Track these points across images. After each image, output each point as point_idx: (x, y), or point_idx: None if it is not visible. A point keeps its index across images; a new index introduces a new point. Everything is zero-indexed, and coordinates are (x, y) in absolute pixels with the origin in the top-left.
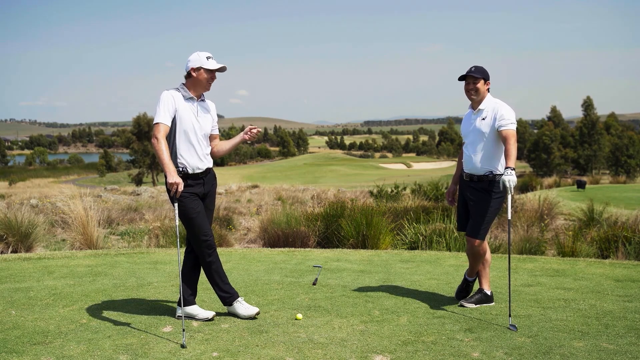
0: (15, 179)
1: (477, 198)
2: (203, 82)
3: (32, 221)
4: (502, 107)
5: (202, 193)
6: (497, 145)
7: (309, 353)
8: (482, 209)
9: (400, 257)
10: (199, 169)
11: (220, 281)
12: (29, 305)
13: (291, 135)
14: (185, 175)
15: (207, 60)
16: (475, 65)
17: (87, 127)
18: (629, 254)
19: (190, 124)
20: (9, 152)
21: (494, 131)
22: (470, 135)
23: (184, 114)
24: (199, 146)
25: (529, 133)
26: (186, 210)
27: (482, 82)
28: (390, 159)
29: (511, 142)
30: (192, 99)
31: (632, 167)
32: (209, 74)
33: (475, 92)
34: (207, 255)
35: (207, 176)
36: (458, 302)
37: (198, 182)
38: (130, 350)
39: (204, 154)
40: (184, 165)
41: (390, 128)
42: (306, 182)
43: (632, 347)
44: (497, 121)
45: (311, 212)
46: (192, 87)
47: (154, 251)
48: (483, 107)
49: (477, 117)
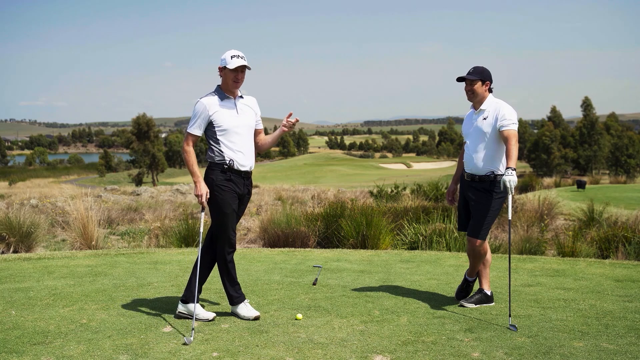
0: (15, 179)
1: (478, 198)
2: (228, 81)
3: (33, 221)
4: (504, 108)
5: (241, 194)
6: (498, 146)
7: (309, 353)
8: (483, 209)
9: (400, 257)
10: (244, 166)
11: (233, 280)
12: (29, 305)
13: (291, 135)
14: (230, 169)
15: (230, 60)
16: (475, 66)
17: (87, 127)
18: (629, 254)
19: (231, 123)
20: (9, 152)
21: (495, 131)
22: (471, 135)
23: (222, 115)
24: (244, 143)
25: (529, 133)
26: (223, 203)
27: (479, 84)
28: (390, 159)
29: (512, 142)
30: (228, 99)
31: (632, 167)
32: (231, 73)
33: (472, 94)
34: (228, 252)
35: (249, 179)
36: (458, 302)
37: (239, 181)
38: (130, 350)
39: (250, 152)
40: (231, 159)
41: (390, 128)
42: (306, 182)
43: (632, 347)
44: (498, 121)
45: (311, 212)
46: (224, 87)
47: (154, 251)
48: (484, 107)
49: (479, 117)
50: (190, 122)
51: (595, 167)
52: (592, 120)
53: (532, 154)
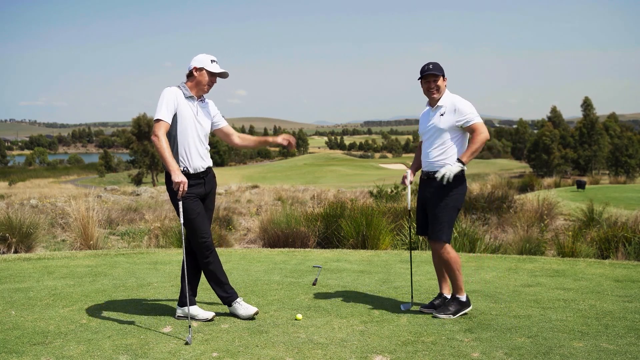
0: (15, 179)
1: (432, 195)
2: (203, 83)
3: (33, 221)
4: (460, 102)
5: (203, 193)
6: (454, 142)
7: (309, 353)
8: (437, 206)
9: (400, 257)
10: (200, 168)
11: (219, 281)
12: (29, 306)
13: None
14: (187, 174)
15: (210, 63)
16: (432, 62)
17: (87, 127)
18: (629, 254)
19: (191, 122)
20: (9, 152)
21: (452, 128)
22: (427, 132)
23: (184, 112)
24: (200, 145)
25: (529, 133)
26: (187, 210)
27: (441, 79)
28: (390, 159)
29: (479, 137)
30: (192, 98)
31: (631, 167)
32: (210, 76)
33: (437, 90)
34: (205, 256)
35: (208, 176)
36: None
37: (199, 182)
38: (130, 350)
39: (204, 153)
40: (185, 165)
41: (390, 128)
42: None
43: (632, 347)
44: (458, 117)
45: (311, 213)
46: (193, 87)
47: (154, 251)
48: (442, 103)
49: (436, 114)
50: (158, 108)
51: (595, 168)
52: (592, 121)
53: (532, 154)
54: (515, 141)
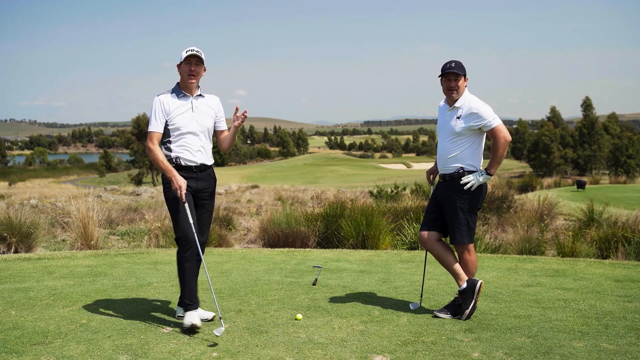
0: (15, 179)
1: (446, 198)
2: (184, 75)
3: (33, 221)
4: (479, 106)
5: (195, 188)
6: (469, 144)
7: (309, 353)
8: (455, 209)
9: (400, 257)
10: (192, 162)
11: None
12: (29, 306)
13: (291, 135)
14: (178, 166)
15: (184, 54)
16: (454, 60)
17: (86, 128)
18: (629, 254)
19: (184, 120)
20: (9, 152)
21: (468, 130)
22: (443, 132)
23: (177, 112)
24: (194, 140)
25: (529, 133)
26: (174, 202)
27: (462, 79)
28: (390, 159)
29: (499, 142)
30: (186, 97)
31: (632, 167)
32: (185, 65)
33: (457, 90)
34: (183, 250)
35: (202, 173)
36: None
37: (191, 176)
38: (130, 350)
39: (199, 148)
40: (177, 157)
41: (390, 128)
42: (306, 182)
43: (632, 347)
44: (477, 120)
45: (311, 213)
46: (182, 83)
47: (154, 251)
48: (459, 104)
49: (453, 115)
50: (149, 120)
51: (595, 167)
52: (592, 121)
53: (532, 154)
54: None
